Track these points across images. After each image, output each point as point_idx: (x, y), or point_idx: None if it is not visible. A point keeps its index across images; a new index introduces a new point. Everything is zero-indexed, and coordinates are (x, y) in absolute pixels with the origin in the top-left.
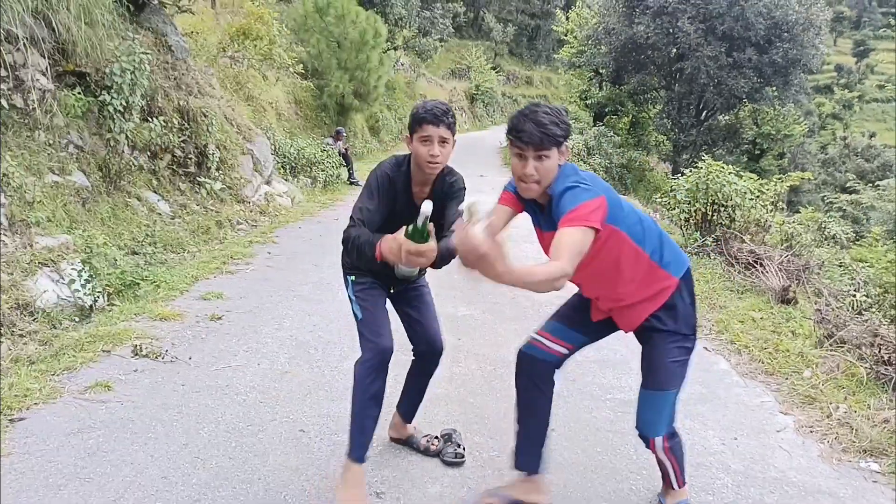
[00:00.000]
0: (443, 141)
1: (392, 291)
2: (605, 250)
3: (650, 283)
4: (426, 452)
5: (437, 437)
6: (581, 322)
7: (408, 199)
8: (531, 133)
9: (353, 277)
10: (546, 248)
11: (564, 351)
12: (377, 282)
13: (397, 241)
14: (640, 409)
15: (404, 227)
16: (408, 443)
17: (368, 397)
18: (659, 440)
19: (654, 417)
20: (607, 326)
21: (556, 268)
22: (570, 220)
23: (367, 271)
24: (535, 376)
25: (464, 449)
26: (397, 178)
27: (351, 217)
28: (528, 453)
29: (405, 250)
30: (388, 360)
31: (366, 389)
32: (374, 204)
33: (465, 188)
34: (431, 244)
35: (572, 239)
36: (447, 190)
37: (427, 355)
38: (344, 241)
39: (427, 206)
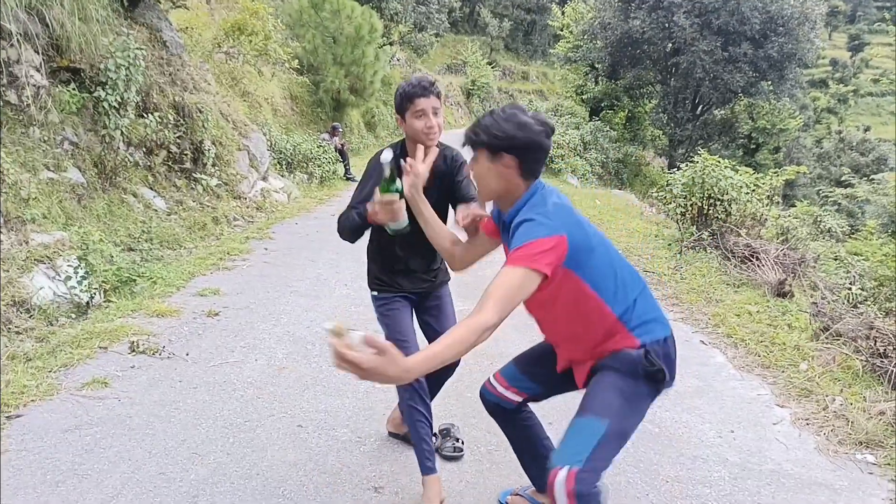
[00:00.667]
0: (435, 111)
1: (413, 297)
2: (561, 296)
3: (610, 341)
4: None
5: (434, 435)
6: (540, 371)
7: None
8: (469, 130)
9: (375, 293)
10: None
11: (517, 399)
12: (398, 295)
13: (374, 201)
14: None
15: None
16: (405, 438)
17: (412, 409)
18: (562, 473)
19: (565, 443)
20: (570, 381)
21: (476, 325)
22: (514, 259)
23: (386, 280)
24: (496, 417)
25: (462, 443)
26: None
27: (349, 204)
28: (541, 476)
29: (376, 202)
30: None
31: (408, 403)
32: (369, 190)
33: (465, 161)
34: (393, 196)
35: (508, 282)
36: (449, 165)
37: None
38: (339, 226)
39: (386, 155)
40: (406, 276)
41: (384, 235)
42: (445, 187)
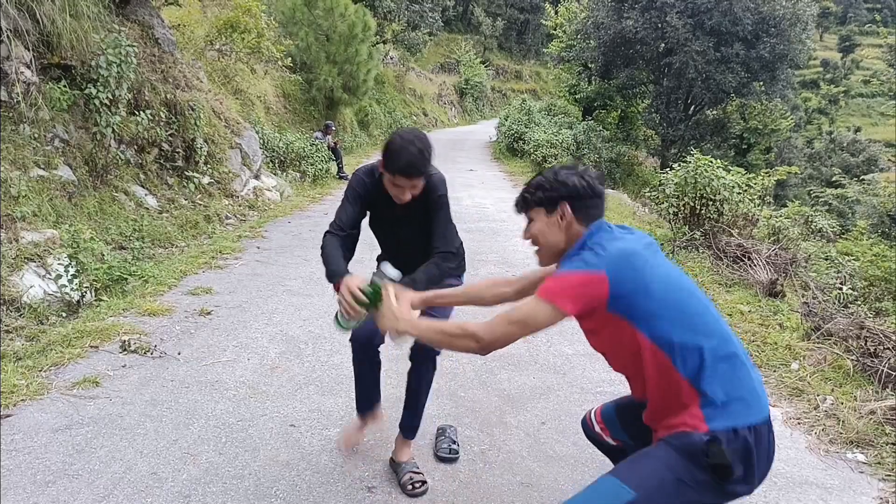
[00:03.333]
0: (414, 187)
1: None
2: (612, 340)
3: (678, 414)
4: (404, 489)
5: (421, 482)
6: (632, 419)
7: (387, 200)
8: (521, 194)
9: None
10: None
11: (612, 443)
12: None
13: (349, 288)
14: None
15: (361, 284)
16: (393, 469)
17: (360, 375)
18: None
19: (576, 499)
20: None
21: (466, 329)
22: (541, 290)
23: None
24: (595, 445)
25: (458, 445)
26: (372, 185)
27: (330, 223)
28: None
29: (348, 303)
30: (363, 348)
31: (355, 369)
32: (350, 210)
33: (444, 193)
34: (361, 310)
35: (524, 311)
36: (429, 196)
37: (418, 356)
38: (322, 247)
39: (389, 271)
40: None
41: (388, 245)
42: (421, 219)
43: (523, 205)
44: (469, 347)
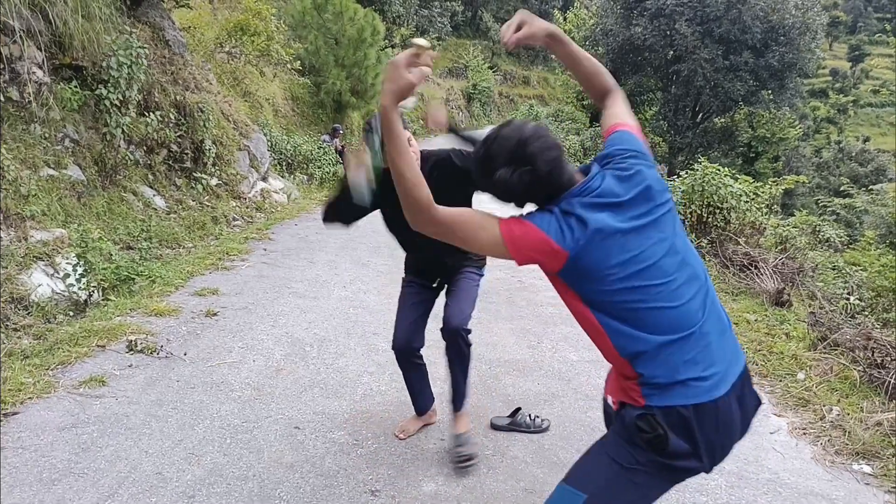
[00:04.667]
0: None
1: (435, 287)
2: (560, 292)
3: (622, 374)
4: (452, 462)
5: (467, 457)
6: None
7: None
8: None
9: (403, 276)
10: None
11: None
12: (417, 280)
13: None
14: None
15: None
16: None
17: (408, 379)
18: None
19: None
20: None
21: (428, 201)
22: (505, 225)
23: (411, 267)
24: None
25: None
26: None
27: None
28: None
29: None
30: (403, 354)
31: (403, 375)
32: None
33: (449, 154)
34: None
35: (481, 220)
36: (441, 166)
37: (445, 333)
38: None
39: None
40: (430, 268)
41: (409, 241)
42: (454, 184)
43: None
44: (411, 206)
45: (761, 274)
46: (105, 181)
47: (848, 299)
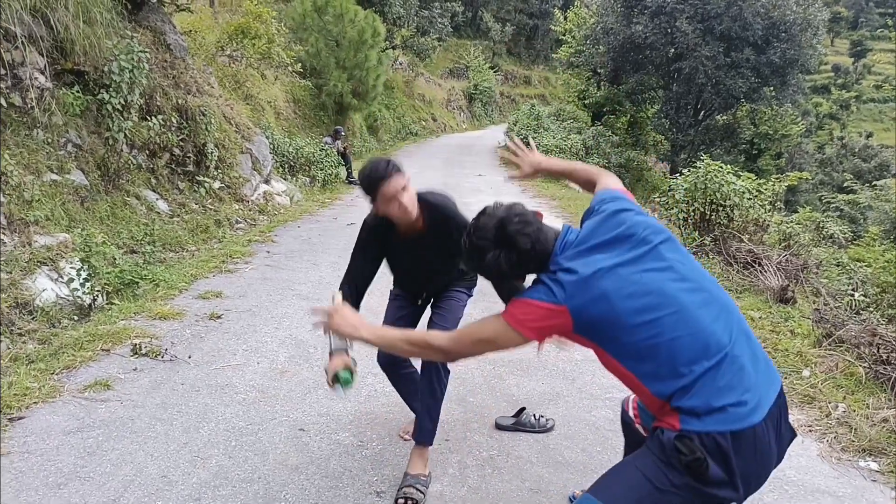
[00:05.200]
0: (404, 188)
1: (419, 304)
2: (592, 350)
3: (656, 412)
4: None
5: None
6: None
7: (397, 236)
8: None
9: (391, 288)
10: None
11: (642, 431)
12: (402, 293)
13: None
14: None
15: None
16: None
17: (399, 390)
18: None
19: None
20: None
21: (427, 340)
22: (507, 313)
23: (397, 282)
24: (626, 431)
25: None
26: (379, 225)
27: (347, 272)
28: None
29: (331, 372)
30: (388, 368)
31: (395, 387)
32: (360, 260)
33: (461, 226)
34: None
35: (486, 330)
36: (440, 225)
37: (424, 362)
38: None
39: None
40: (415, 292)
41: (414, 278)
42: (440, 245)
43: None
44: (435, 358)
45: (765, 271)
46: (108, 185)
47: (853, 295)
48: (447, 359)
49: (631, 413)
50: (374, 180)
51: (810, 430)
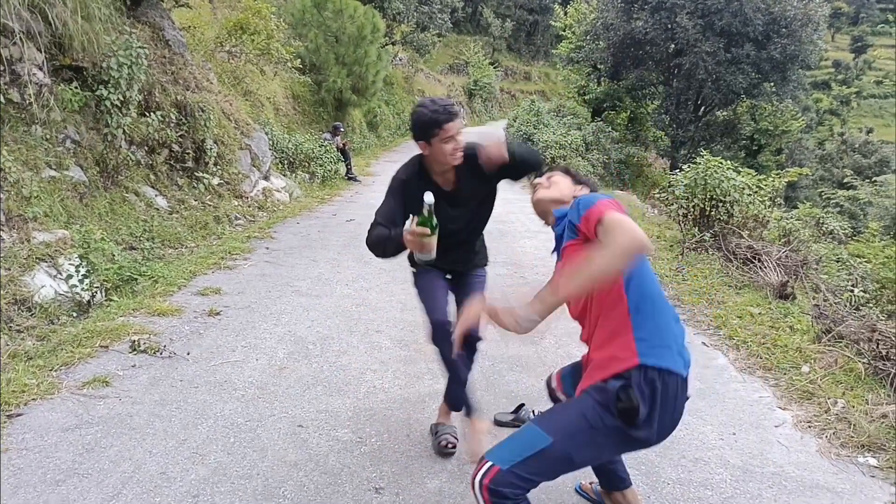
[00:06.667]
0: (460, 130)
1: (449, 278)
2: None
3: (613, 344)
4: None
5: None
6: (581, 378)
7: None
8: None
9: (413, 270)
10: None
11: (562, 397)
12: (433, 268)
13: (410, 231)
14: None
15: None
16: (431, 432)
17: (446, 361)
18: (485, 467)
19: (505, 441)
20: None
21: (627, 245)
22: (598, 216)
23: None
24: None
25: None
26: (410, 179)
27: (373, 220)
28: (603, 476)
29: (410, 231)
30: (445, 330)
31: (441, 357)
32: (390, 204)
33: (473, 151)
34: (425, 230)
35: (616, 226)
36: (472, 164)
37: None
38: (368, 242)
39: (428, 197)
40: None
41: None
42: (477, 179)
43: (564, 169)
44: (623, 260)
45: (765, 267)
46: (107, 182)
47: (852, 291)
48: (634, 248)
49: (554, 384)
50: (444, 115)
51: (809, 426)
